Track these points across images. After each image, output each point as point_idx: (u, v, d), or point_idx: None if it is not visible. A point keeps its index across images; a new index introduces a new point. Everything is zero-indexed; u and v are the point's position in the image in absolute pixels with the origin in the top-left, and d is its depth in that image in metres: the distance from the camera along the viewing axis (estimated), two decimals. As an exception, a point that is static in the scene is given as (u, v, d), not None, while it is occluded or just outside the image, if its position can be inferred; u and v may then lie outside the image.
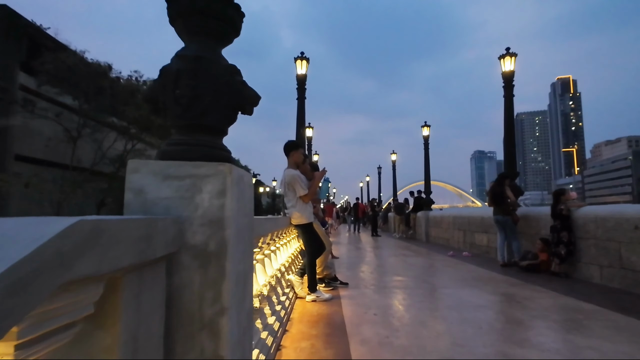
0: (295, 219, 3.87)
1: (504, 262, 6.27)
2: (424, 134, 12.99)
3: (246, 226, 1.53)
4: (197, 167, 1.29)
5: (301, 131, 7.30)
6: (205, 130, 1.42)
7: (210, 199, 1.28)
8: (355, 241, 12.59)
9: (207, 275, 1.25)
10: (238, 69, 1.51)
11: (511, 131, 7.22)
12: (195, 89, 1.38)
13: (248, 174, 1.58)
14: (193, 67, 1.40)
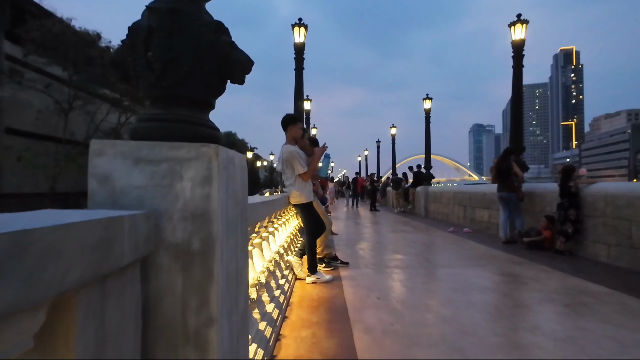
0: (294, 198, 3.66)
1: (506, 238, 6.16)
2: (426, 107, 12.61)
3: (239, 216, 1.31)
4: (176, 148, 1.05)
5: (299, 104, 6.97)
6: (185, 102, 1.17)
7: (193, 187, 1.05)
8: (354, 216, 12.51)
9: (191, 278, 1.04)
10: (225, 27, 1.23)
11: (519, 104, 6.91)
12: (171, 50, 1.12)
13: (240, 155, 1.34)
14: (168, 22, 1.13)
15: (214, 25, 1.20)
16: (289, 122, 3.68)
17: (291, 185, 3.64)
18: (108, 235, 0.78)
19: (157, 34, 1.12)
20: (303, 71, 6.98)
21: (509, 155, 6.26)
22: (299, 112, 7.01)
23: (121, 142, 1.06)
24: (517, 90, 6.90)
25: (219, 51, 1.19)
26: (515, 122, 6.86)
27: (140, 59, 1.13)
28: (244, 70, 1.25)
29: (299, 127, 3.70)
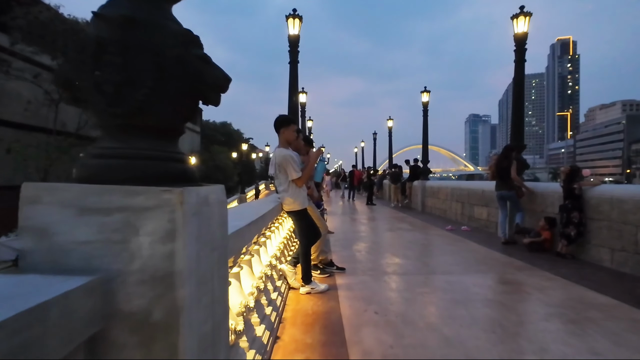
0: (287, 204, 3.46)
1: (506, 239, 6.03)
2: (423, 100, 12.36)
3: (216, 263, 1.11)
4: (131, 195, 0.85)
5: (294, 98, 6.70)
6: (146, 132, 0.95)
7: (153, 244, 0.84)
8: (350, 211, 12.36)
9: (152, 356, 0.85)
10: (196, 37, 1.01)
11: (520, 99, 6.70)
12: (125, 69, 0.90)
13: (217, 189, 1.13)
14: (122, 34, 0.91)
15: (182, 36, 0.98)
16: (282, 124, 3.45)
17: (284, 191, 3.44)
18: (20, 340, 0.57)
19: (107, 48, 0.89)
20: (298, 64, 6.70)
21: (510, 152, 6.08)
22: (294, 107, 6.76)
23: (62, 186, 0.85)
24: (519, 85, 6.68)
25: (189, 68, 0.97)
26: (517, 117, 6.66)
27: (89, 79, 0.91)
28: (220, 89, 1.04)
29: (292, 130, 3.48)
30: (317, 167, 3.69)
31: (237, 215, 2.35)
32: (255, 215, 2.17)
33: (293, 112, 6.74)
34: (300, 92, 12.39)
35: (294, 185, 3.42)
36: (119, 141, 0.93)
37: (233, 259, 1.72)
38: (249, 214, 2.27)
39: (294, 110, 6.73)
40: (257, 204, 3.26)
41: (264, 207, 2.87)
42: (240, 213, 2.51)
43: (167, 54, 0.94)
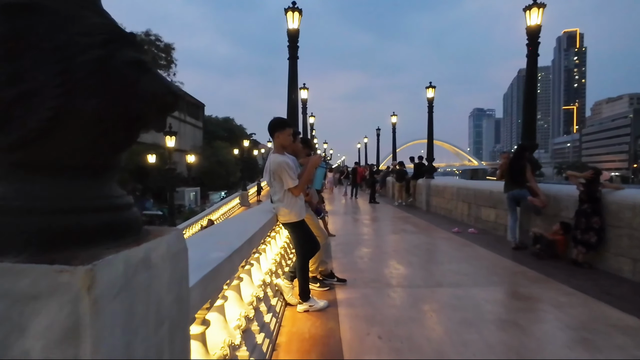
0: (282, 216, 3.18)
1: (516, 244, 5.72)
2: (428, 96, 11.99)
3: (167, 337, 0.83)
4: (12, 276, 0.57)
5: (293, 96, 6.39)
6: (48, 171, 0.67)
7: (46, 348, 0.56)
8: (352, 210, 12.08)
9: None
10: (128, 35, 0.72)
11: (532, 95, 6.34)
12: (17, 78, 0.62)
13: (170, 239, 0.85)
14: (11, 27, 0.62)
15: (106, 31, 0.69)
16: (276, 127, 3.16)
17: (279, 201, 3.15)
18: None
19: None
20: (297, 60, 6.38)
21: (525, 152, 5.74)
22: (293, 104, 6.45)
23: None
24: (531, 80, 6.33)
25: (115, 77, 0.67)
26: (528, 114, 6.32)
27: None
28: (164, 107, 0.75)
29: (287, 134, 3.18)
30: (316, 172, 3.40)
31: (218, 236, 2.07)
32: (240, 240, 1.88)
33: (292, 110, 6.44)
34: (301, 88, 12.06)
35: (290, 194, 3.13)
36: (4, 187, 0.64)
37: (210, 301, 1.43)
38: (234, 236, 1.99)
39: (293, 108, 6.42)
40: (248, 216, 2.97)
41: (253, 223, 2.58)
42: (223, 234, 2.23)
43: (80, 56, 0.65)
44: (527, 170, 5.61)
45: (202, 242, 1.88)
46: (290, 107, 6.43)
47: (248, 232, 2.14)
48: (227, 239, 1.92)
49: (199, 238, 2.24)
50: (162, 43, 28.79)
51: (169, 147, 12.54)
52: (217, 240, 1.81)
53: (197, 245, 1.70)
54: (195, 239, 2.17)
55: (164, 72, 32.16)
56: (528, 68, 6.31)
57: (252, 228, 2.29)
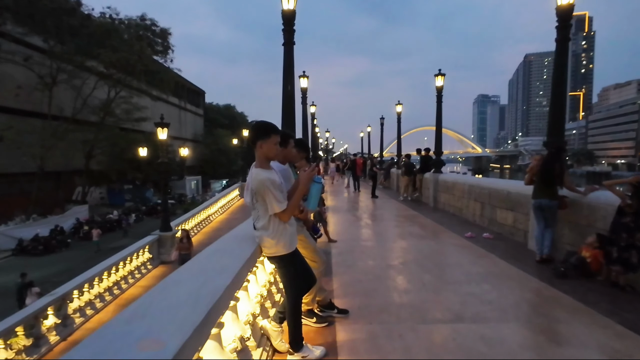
0: (268, 247, 2.49)
1: (542, 257, 5.05)
2: (437, 84, 11.13)
3: None
4: None
5: (289, 87, 5.63)
6: None
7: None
8: (353, 207, 11.39)
9: None
10: None
11: (560, 87, 5.54)
12: None
13: None
14: None
15: None
16: (258, 134, 2.43)
17: (264, 228, 2.46)
18: None
19: None
20: (294, 46, 5.60)
21: (562, 154, 4.98)
22: (289, 96, 5.69)
23: None
24: (560, 68, 5.52)
25: None
26: (556, 108, 5.52)
27: None
28: None
29: (273, 142, 2.45)
30: (311, 190, 2.70)
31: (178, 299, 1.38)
32: (201, 314, 1.21)
33: (288, 102, 5.70)
34: (301, 76, 11.24)
35: (277, 220, 2.45)
36: None
37: None
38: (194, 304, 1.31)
39: (289, 100, 5.68)
40: (217, 259, 2.21)
41: (224, 272, 1.89)
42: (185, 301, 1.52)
43: None
44: (566, 173, 4.88)
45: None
46: (285, 98, 5.69)
47: (215, 294, 1.46)
48: (187, 300, 1.24)
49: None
50: (157, 28, 27.66)
51: (161, 139, 11.81)
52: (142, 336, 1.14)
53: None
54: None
55: (161, 59, 31.09)
56: (558, 55, 5.49)
57: (218, 290, 1.59)
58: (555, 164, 4.96)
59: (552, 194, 4.94)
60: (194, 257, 2.46)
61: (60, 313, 7.42)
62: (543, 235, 5.10)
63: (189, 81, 57.26)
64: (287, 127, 5.66)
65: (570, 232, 5.07)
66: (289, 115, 5.65)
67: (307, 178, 2.52)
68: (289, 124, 5.69)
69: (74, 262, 16.91)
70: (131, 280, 9.99)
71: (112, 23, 25.22)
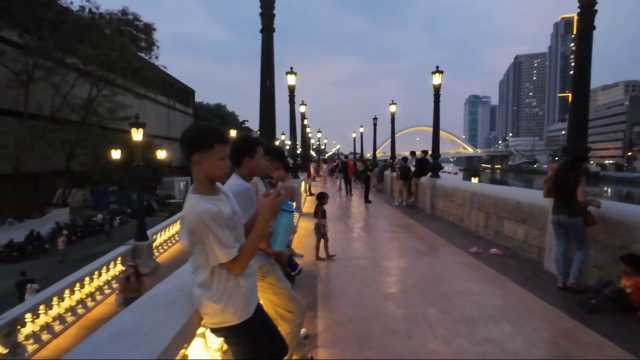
0: (210, 315, 1.64)
1: (564, 284, 4.28)
2: (435, 83, 10.37)
3: None
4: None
5: (268, 82, 4.78)
6: None
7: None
8: (345, 214, 10.56)
9: None
10: None
11: (584, 85, 4.79)
12: None
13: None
14: None
15: None
16: (192, 147, 1.58)
17: (204, 287, 1.61)
18: None
19: None
20: (273, 33, 4.75)
21: (579, 164, 4.24)
22: (268, 94, 4.85)
23: None
24: (584, 64, 4.76)
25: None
26: (579, 109, 4.78)
27: None
28: None
29: (218, 156, 1.60)
30: (277, 223, 1.84)
31: None
32: None
33: (268, 98, 4.85)
34: (288, 72, 10.38)
35: (225, 273, 1.60)
36: None
37: None
38: None
39: (268, 97, 4.83)
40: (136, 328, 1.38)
41: None
42: None
43: None
44: (581, 185, 4.11)
45: None
46: (264, 94, 4.84)
47: None
48: None
49: None
50: (141, 23, 26.48)
51: (136, 140, 10.82)
52: None
53: None
54: None
55: (146, 55, 29.86)
56: (579, 48, 4.73)
57: None
58: (571, 174, 4.21)
59: (572, 209, 4.18)
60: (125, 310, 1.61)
61: (9, 341, 6.45)
62: (564, 257, 4.34)
63: (178, 80, 55.96)
64: (266, 127, 4.81)
65: (599, 253, 4.31)
66: (268, 113, 4.81)
67: (268, 207, 1.67)
68: (268, 123, 4.85)
69: (48, 270, 15.81)
70: (99, 297, 9.01)
71: (92, 17, 23.98)
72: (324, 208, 5.89)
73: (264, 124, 4.77)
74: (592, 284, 3.97)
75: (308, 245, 6.72)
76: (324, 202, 5.93)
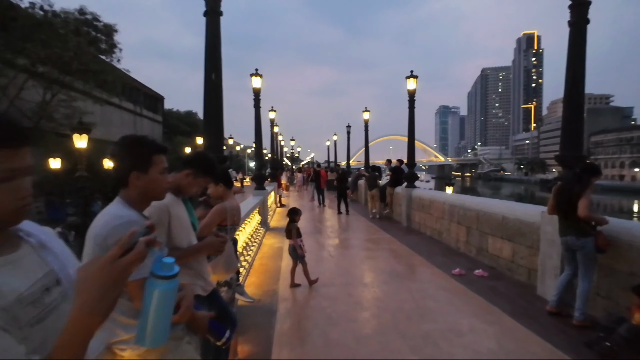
0: None
1: (554, 308, 3.64)
2: (409, 88, 9.84)
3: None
4: None
5: (213, 76, 3.91)
6: None
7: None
8: (315, 229, 9.71)
9: None
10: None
11: (580, 84, 4.23)
12: None
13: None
14: None
15: None
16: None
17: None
18: None
19: None
20: (220, 17, 3.90)
21: (590, 176, 3.61)
22: (214, 90, 3.97)
23: None
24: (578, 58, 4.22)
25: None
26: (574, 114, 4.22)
27: None
28: None
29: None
30: (145, 300, 0.98)
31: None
32: None
33: (213, 98, 3.98)
34: (252, 74, 9.52)
35: None
36: None
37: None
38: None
39: (213, 95, 3.95)
40: None
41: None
42: None
43: None
44: (583, 199, 3.50)
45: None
46: (210, 92, 3.96)
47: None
48: None
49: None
50: (100, 23, 24.79)
51: (79, 147, 9.56)
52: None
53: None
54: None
55: (107, 58, 28.03)
56: (573, 43, 4.19)
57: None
58: (575, 187, 3.61)
59: (580, 228, 3.56)
60: None
61: None
62: (569, 282, 3.71)
63: (146, 85, 53.72)
64: (212, 132, 3.93)
65: (605, 279, 3.71)
66: (214, 114, 3.93)
67: (94, 278, 0.80)
68: (216, 127, 3.97)
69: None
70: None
71: (45, 15, 22.14)
72: (297, 225, 5.05)
73: (210, 128, 3.89)
74: (600, 321, 3.33)
75: (272, 268, 5.83)
76: (297, 219, 5.09)
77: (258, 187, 9.52)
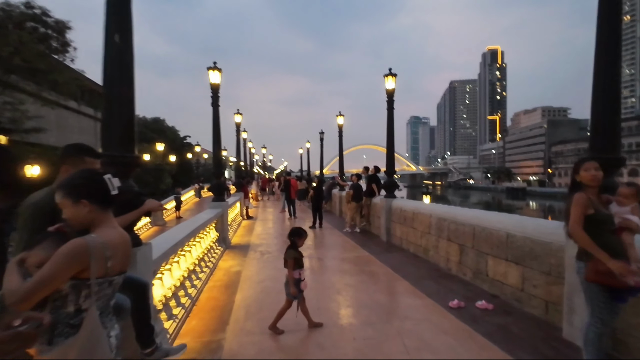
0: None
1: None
2: (388, 87, 8.90)
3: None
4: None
5: (116, 36, 2.67)
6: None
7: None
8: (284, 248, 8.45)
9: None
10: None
11: (616, 65, 3.34)
12: None
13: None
14: None
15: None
16: None
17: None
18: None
19: None
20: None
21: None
22: (117, 58, 2.72)
23: None
24: (613, 37, 3.33)
25: None
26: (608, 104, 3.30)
27: None
28: None
29: None
30: None
31: None
32: None
33: (117, 69, 2.72)
34: (210, 68, 8.25)
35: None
36: None
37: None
38: None
39: (119, 63, 2.69)
40: None
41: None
42: None
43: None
44: (573, 210, 2.55)
45: None
46: (112, 62, 2.69)
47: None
48: None
49: None
50: (51, 19, 22.60)
51: (-5, 151, 7.87)
52: None
53: None
54: None
55: (60, 57, 25.64)
56: (601, 16, 3.30)
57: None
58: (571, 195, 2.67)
59: (579, 250, 2.63)
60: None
61: None
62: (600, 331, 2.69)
63: (106, 89, 50.51)
64: (115, 121, 2.66)
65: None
66: (116, 96, 2.67)
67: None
68: (117, 114, 2.70)
69: None
70: None
71: (-18, 6, 19.79)
72: (300, 252, 3.80)
73: (111, 113, 2.61)
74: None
75: (223, 304, 4.51)
76: (299, 244, 3.82)
77: (216, 198, 8.17)
